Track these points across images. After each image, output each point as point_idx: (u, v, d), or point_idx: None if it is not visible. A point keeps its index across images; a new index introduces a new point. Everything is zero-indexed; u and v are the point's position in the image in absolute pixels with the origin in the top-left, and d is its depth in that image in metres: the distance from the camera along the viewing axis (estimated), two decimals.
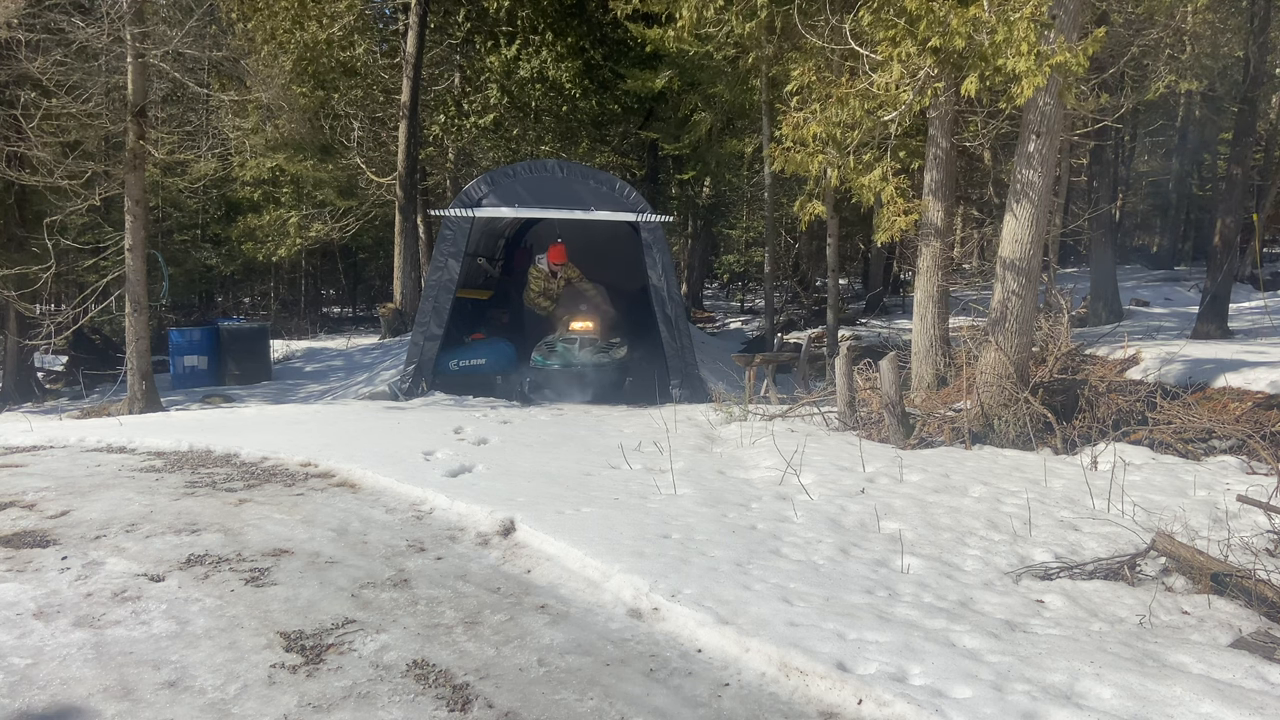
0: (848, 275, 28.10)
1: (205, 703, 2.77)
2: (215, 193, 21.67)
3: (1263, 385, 7.23)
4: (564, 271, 11.50)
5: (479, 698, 2.85)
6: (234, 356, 14.45)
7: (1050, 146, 6.77)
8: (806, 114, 6.99)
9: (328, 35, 16.52)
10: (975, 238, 13.59)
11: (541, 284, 11.58)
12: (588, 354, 10.21)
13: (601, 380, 10.22)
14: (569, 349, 10.26)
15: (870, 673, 2.94)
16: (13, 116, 10.85)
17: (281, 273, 27.35)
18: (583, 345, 10.26)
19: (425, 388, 10.42)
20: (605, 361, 10.22)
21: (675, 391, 10.06)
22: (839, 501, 5.12)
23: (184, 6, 14.71)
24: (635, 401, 9.98)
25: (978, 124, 9.24)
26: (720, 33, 12.04)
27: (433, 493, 5.14)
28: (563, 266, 11.39)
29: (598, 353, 10.30)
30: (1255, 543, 4.23)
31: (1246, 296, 16.38)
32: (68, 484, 5.33)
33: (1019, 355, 6.94)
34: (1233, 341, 11.47)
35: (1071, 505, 5.09)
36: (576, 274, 11.64)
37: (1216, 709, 2.69)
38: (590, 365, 10.10)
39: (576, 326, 10.65)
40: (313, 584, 3.75)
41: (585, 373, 10.14)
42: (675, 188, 22.14)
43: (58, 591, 3.55)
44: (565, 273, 11.52)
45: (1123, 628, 3.49)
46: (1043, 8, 5.67)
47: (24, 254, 12.34)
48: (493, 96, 17.52)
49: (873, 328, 18.29)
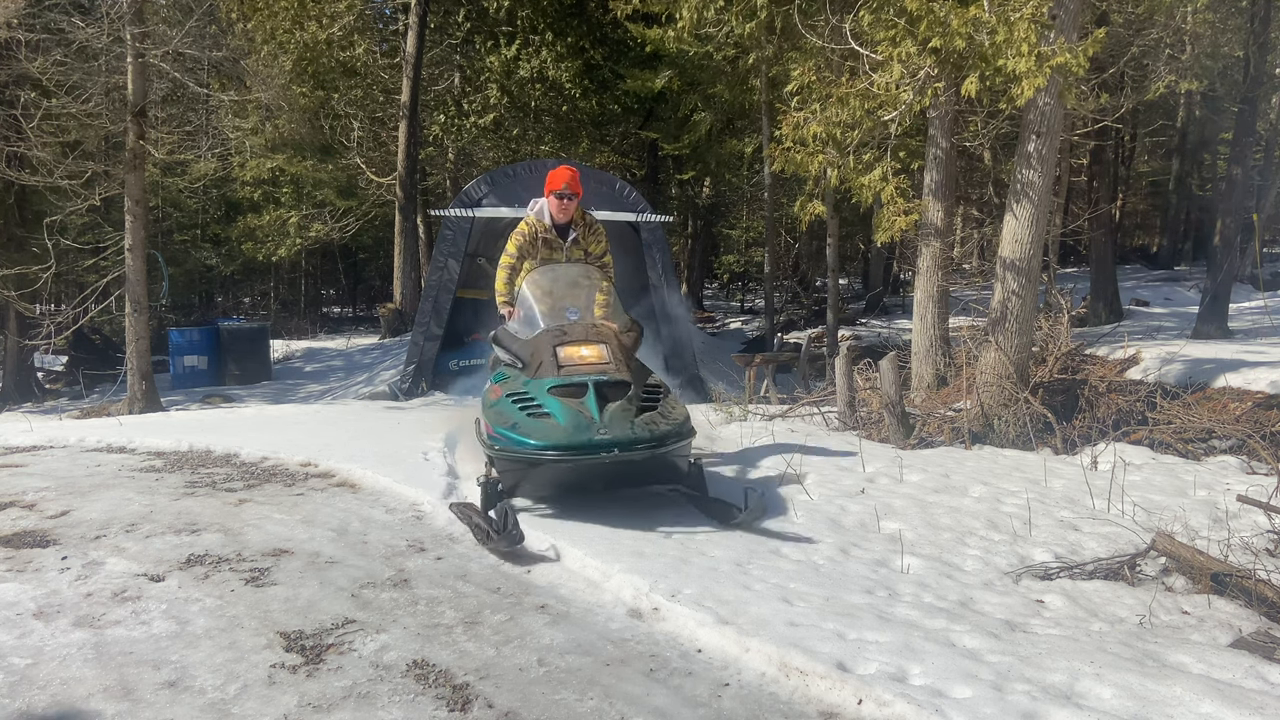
0: (848, 275, 28.11)
1: (205, 703, 2.77)
2: (215, 193, 21.70)
3: (1263, 385, 7.23)
4: (584, 236, 5.71)
5: (479, 698, 2.85)
6: (234, 356, 14.46)
7: (1050, 146, 6.77)
8: (806, 114, 6.99)
9: (328, 35, 16.54)
10: (975, 238, 13.60)
11: (526, 249, 5.64)
12: (617, 418, 4.53)
13: (643, 473, 4.77)
14: (570, 411, 4.53)
15: (870, 673, 2.94)
16: (13, 116, 10.86)
17: (281, 273, 27.36)
18: (601, 398, 4.61)
19: (425, 388, 10.42)
20: (646, 438, 4.49)
21: (675, 391, 10.05)
22: (839, 501, 5.12)
23: (184, 6, 14.72)
24: None
25: (978, 124, 9.25)
26: (720, 33, 12.05)
27: (432, 493, 5.14)
28: (584, 227, 5.71)
29: (630, 414, 4.61)
30: (1255, 543, 4.23)
31: (1246, 296, 16.36)
32: (68, 484, 5.33)
33: (1019, 355, 6.94)
34: (1233, 341, 11.46)
35: (1071, 505, 5.09)
36: (601, 246, 5.77)
37: (1216, 709, 2.69)
38: (624, 444, 4.41)
39: (582, 356, 4.93)
40: (313, 584, 3.75)
41: (617, 466, 4.46)
42: (675, 188, 22.15)
43: (58, 591, 3.55)
44: (586, 240, 5.72)
45: (1123, 628, 3.49)
46: (1043, 8, 5.68)
47: (24, 254, 12.35)
48: (493, 96, 17.53)
49: (873, 328, 18.28)
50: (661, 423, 4.59)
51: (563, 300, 5.34)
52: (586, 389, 4.57)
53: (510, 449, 4.45)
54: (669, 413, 4.77)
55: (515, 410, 4.59)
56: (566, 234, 5.68)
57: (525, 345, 5.12)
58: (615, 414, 4.48)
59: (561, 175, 5.52)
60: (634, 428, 4.45)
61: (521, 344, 5.16)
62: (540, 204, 5.70)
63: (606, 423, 4.41)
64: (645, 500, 5.09)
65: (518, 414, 4.55)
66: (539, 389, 4.67)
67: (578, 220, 5.70)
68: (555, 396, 4.55)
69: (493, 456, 4.66)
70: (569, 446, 4.31)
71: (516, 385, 4.82)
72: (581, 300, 5.36)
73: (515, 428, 4.46)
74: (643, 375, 5.05)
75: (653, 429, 4.51)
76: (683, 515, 4.81)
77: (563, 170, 5.58)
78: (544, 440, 4.33)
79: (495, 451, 4.57)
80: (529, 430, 4.41)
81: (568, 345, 4.92)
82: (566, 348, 4.91)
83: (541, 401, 4.56)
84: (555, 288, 5.41)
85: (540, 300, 5.32)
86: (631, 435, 4.41)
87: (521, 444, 4.39)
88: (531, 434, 4.38)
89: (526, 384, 4.78)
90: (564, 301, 5.34)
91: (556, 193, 5.50)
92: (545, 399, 4.56)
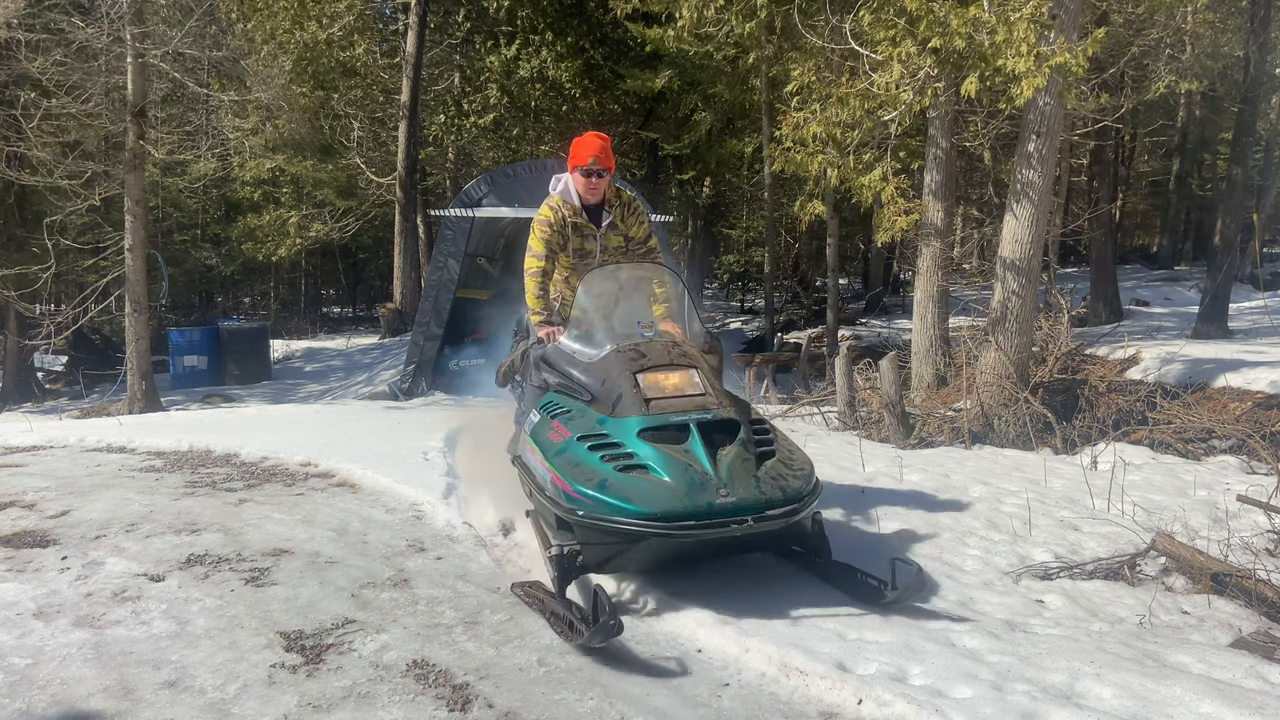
0: (848, 275, 28.11)
1: (205, 703, 2.77)
2: (215, 193, 21.70)
3: (1263, 385, 7.23)
4: (622, 218, 4.61)
5: (479, 698, 2.85)
6: (234, 356, 14.47)
7: (1050, 146, 6.77)
8: (806, 114, 7.00)
9: (328, 35, 16.54)
10: (975, 238, 13.60)
11: (555, 243, 4.56)
12: (738, 473, 3.46)
13: (769, 542, 3.83)
14: (676, 464, 3.46)
15: (870, 672, 2.94)
16: (13, 116, 10.87)
17: (281, 273, 27.37)
18: (708, 443, 3.56)
19: (425, 388, 10.43)
20: (780, 500, 3.42)
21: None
22: (839, 501, 5.12)
23: (184, 6, 14.71)
24: None
25: (978, 124, 9.25)
26: (720, 33, 12.05)
27: (433, 493, 5.14)
28: (620, 206, 4.62)
29: (751, 466, 3.55)
30: (1255, 543, 4.23)
31: (1246, 296, 16.37)
32: (68, 484, 5.33)
33: (1019, 355, 6.94)
34: (1233, 341, 11.47)
35: (1071, 505, 5.09)
36: (645, 228, 4.71)
37: (1216, 709, 2.69)
38: (754, 508, 3.33)
39: (672, 385, 3.84)
40: (313, 584, 3.75)
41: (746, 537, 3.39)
42: (675, 188, 22.14)
43: (58, 591, 3.55)
44: (628, 223, 4.63)
45: (1123, 628, 3.49)
46: (1043, 8, 5.68)
47: (24, 254, 12.36)
48: (493, 96, 17.52)
49: (873, 328, 18.28)
50: (790, 476, 3.54)
51: (629, 310, 4.33)
52: (688, 432, 3.55)
53: (603, 517, 3.31)
54: (791, 460, 3.70)
55: (598, 462, 3.50)
56: (599, 217, 4.55)
57: (593, 370, 3.99)
58: (734, 466, 3.44)
59: (590, 146, 4.37)
60: (760, 485, 3.41)
61: (586, 368, 4.04)
62: (564, 180, 4.52)
63: (726, 479, 3.37)
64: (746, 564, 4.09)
65: (603, 468, 3.47)
66: (624, 432, 3.60)
67: (612, 199, 4.57)
68: (649, 442, 3.53)
69: (573, 523, 3.47)
70: (686, 515, 3.25)
71: (589, 424, 3.76)
72: (652, 309, 4.38)
73: (606, 487, 3.36)
74: (745, 409, 3.93)
75: (784, 486, 3.46)
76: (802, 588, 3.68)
77: (591, 140, 4.40)
78: (651, 506, 3.26)
79: (579, 519, 3.40)
80: (627, 492, 3.33)
81: (649, 371, 3.83)
82: (648, 374, 3.82)
83: (633, 449, 3.53)
84: (619, 294, 4.43)
85: (601, 312, 4.31)
86: (761, 496, 3.36)
87: (621, 511, 3.28)
88: (632, 497, 3.30)
89: (603, 423, 3.71)
90: (631, 312, 4.31)
91: (583, 168, 4.37)
92: (636, 445, 3.53)
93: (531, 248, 4.51)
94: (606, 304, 4.36)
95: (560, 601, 3.45)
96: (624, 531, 3.29)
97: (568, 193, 4.51)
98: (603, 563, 3.61)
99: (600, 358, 4.00)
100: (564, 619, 3.36)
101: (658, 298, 4.43)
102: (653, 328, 4.16)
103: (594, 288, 4.36)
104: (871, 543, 4.41)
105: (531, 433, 4.07)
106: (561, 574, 3.50)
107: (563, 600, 3.46)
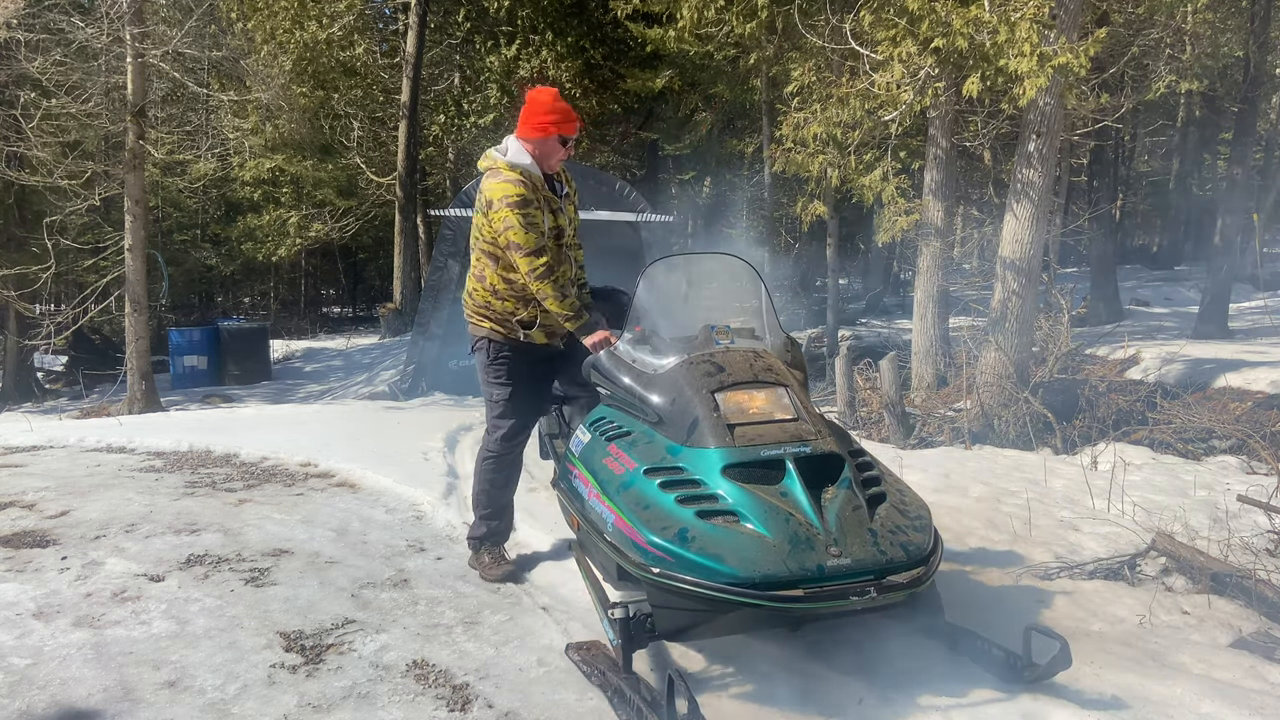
0: (848, 275, 28.10)
1: (205, 703, 2.77)
2: (215, 193, 21.68)
3: (1263, 385, 7.24)
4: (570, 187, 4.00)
5: (479, 698, 2.85)
6: (234, 356, 14.46)
7: (1050, 146, 6.77)
8: (807, 114, 7.00)
9: (328, 35, 16.55)
10: (975, 238, 13.60)
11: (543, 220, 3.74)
12: (850, 525, 2.72)
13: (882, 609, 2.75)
14: (775, 513, 2.70)
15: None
16: (13, 116, 10.87)
17: (281, 273, 27.36)
18: (805, 478, 2.81)
19: (425, 388, 10.42)
20: (902, 561, 2.67)
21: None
22: None
23: (184, 6, 14.70)
24: None
25: (978, 124, 9.24)
26: (720, 33, 12.03)
27: (432, 493, 5.14)
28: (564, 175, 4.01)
29: (864, 516, 2.78)
30: (1255, 543, 4.23)
31: (1246, 296, 16.38)
32: (67, 484, 5.33)
33: (1019, 355, 6.94)
34: (1233, 341, 11.47)
35: (1071, 505, 5.09)
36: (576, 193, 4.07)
37: (1216, 709, 2.69)
38: (874, 571, 2.62)
39: (758, 409, 3.05)
40: (313, 584, 3.75)
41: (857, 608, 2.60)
42: (675, 188, 22.15)
43: (58, 591, 3.55)
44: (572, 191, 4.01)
45: (1123, 628, 3.49)
46: (1044, 8, 5.68)
47: (24, 254, 12.36)
48: (493, 96, 17.52)
49: (873, 328, 18.28)
50: (909, 528, 2.78)
51: (697, 311, 3.61)
52: (782, 469, 2.83)
53: (687, 577, 2.59)
54: (905, 506, 2.92)
55: (674, 505, 2.77)
56: (556, 188, 3.88)
57: (659, 385, 3.23)
58: (844, 516, 2.72)
59: (569, 111, 3.75)
60: (878, 541, 2.68)
61: (650, 381, 3.29)
62: (513, 146, 3.74)
63: (836, 533, 2.65)
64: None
65: (682, 513, 2.73)
66: (705, 467, 2.86)
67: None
68: (736, 482, 2.79)
69: (644, 581, 2.76)
70: (792, 580, 2.53)
71: (658, 454, 3.03)
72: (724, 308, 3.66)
73: (689, 541, 2.63)
74: (845, 439, 3.18)
75: (905, 542, 2.71)
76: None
77: (564, 104, 3.76)
78: (747, 569, 2.54)
79: (653, 578, 2.67)
80: (717, 548, 2.59)
81: (730, 390, 3.07)
82: (728, 394, 3.05)
83: (717, 490, 2.79)
84: (686, 291, 3.75)
85: (665, 313, 3.59)
86: (881, 556, 2.64)
87: (710, 573, 2.55)
88: (724, 555, 2.57)
89: (676, 453, 2.98)
90: (701, 313, 3.58)
91: (567, 137, 3.75)
92: (722, 485, 2.79)
93: (521, 243, 3.61)
94: (672, 303, 3.65)
95: (628, 680, 2.79)
96: (713, 597, 2.56)
97: (527, 164, 3.71)
98: (680, 631, 2.84)
99: (667, 370, 3.26)
100: (629, 700, 2.71)
101: (742, 301, 3.70)
102: (729, 333, 3.42)
103: (656, 282, 3.62)
104: None
105: (581, 456, 3.36)
106: (627, 641, 2.79)
107: (631, 679, 2.79)
